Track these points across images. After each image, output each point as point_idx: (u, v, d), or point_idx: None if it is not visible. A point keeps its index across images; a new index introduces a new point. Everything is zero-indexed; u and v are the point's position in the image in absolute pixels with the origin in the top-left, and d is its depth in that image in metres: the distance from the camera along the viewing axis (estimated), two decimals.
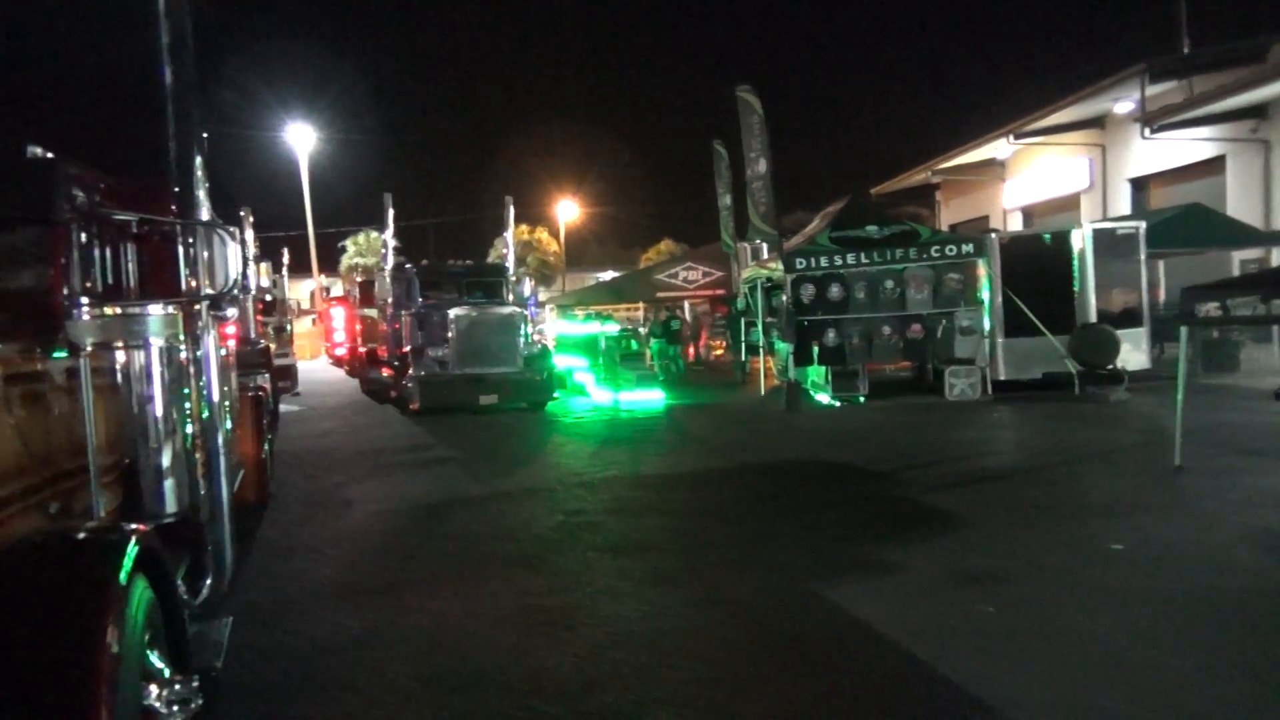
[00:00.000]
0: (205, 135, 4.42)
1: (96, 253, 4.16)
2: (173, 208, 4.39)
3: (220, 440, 4.40)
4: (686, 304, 32.37)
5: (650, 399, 16.00)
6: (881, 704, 3.91)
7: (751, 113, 15.57)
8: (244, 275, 4.75)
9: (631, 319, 31.44)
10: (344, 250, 51.32)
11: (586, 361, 19.05)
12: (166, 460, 3.89)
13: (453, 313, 15.50)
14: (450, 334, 15.47)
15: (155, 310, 3.84)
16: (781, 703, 3.95)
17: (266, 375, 11.27)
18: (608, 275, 52.63)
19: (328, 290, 45.44)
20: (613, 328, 19.44)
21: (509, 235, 18.25)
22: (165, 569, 3.17)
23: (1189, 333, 8.83)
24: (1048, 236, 15.14)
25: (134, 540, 2.76)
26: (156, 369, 3.86)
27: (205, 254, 4.19)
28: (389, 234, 18.21)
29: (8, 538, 2.98)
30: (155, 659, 2.83)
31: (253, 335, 12.05)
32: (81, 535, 2.91)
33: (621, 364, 17.36)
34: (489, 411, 15.43)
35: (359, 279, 34.28)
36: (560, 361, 18.98)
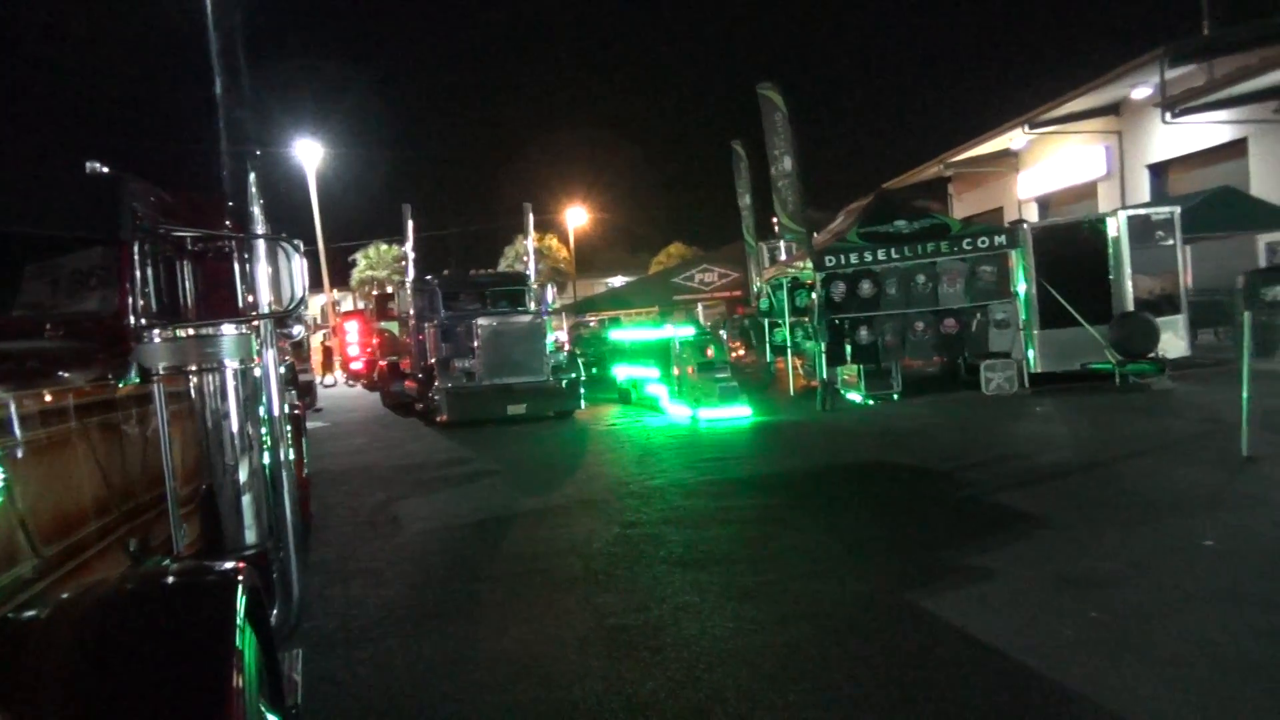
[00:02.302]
0: (259, 152, 4.22)
1: (162, 272, 3.95)
2: (227, 224, 4.20)
3: (284, 460, 4.19)
4: (700, 307, 32.16)
5: (736, 414, 13.73)
6: None
7: (774, 110, 15.34)
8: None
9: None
10: (354, 264, 51.15)
11: (658, 371, 16.37)
12: (246, 488, 3.67)
13: (479, 323, 15.31)
14: (476, 344, 15.27)
15: (229, 330, 3.62)
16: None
17: (294, 392, 11.09)
18: (618, 281, 52.48)
19: (336, 304, 45.34)
20: (687, 330, 16.14)
21: (530, 242, 18.06)
22: (265, 609, 2.95)
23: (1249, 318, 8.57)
24: (1085, 224, 14.86)
25: (242, 584, 2.54)
26: (232, 391, 3.64)
27: (269, 270, 3.99)
28: (409, 246, 18.01)
29: (100, 585, 2.76)
30: (269, 714, 2.60)
31: None
32: (188, 582, 2.68)
33: (699, 374, 14.49)
34: (517, 421, 15.23)
35: (375, 292, 34.15)
36: (624, 372, 17.74)
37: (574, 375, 15.98)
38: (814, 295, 15.22)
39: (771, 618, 5.05)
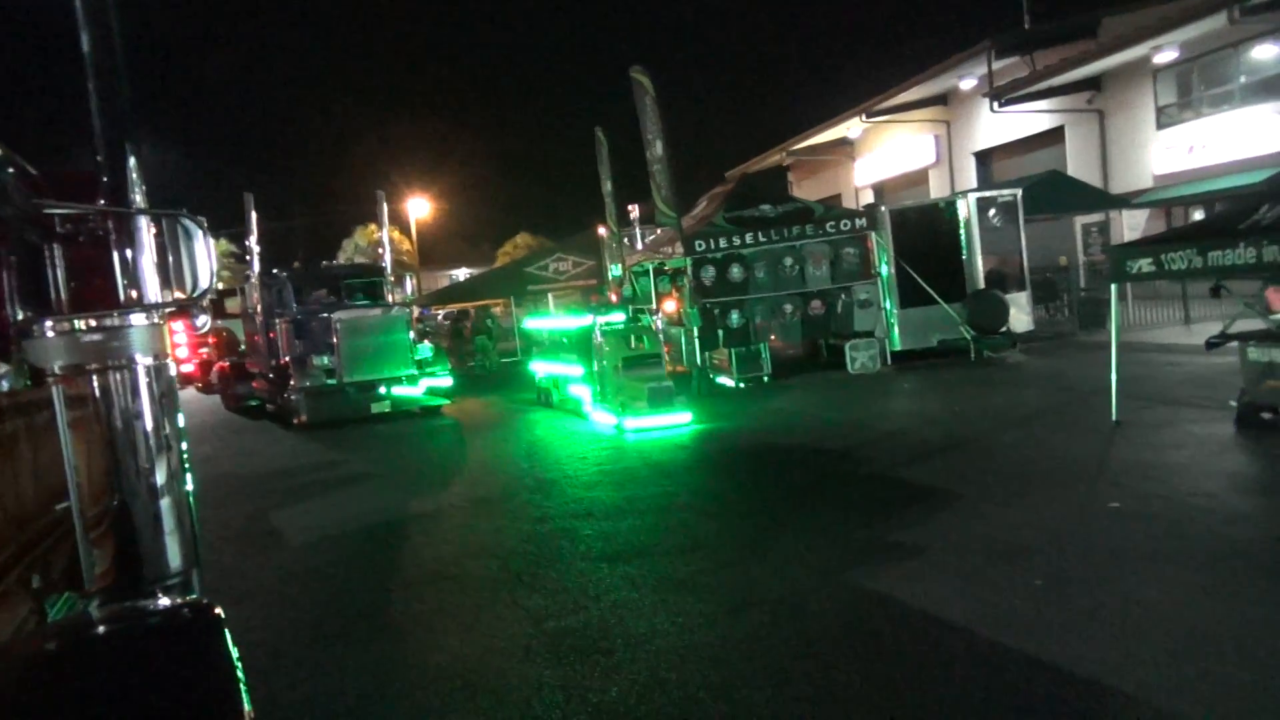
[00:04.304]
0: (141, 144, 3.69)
1: (40, 256, 3.35)
2: (101, 201, 3.62)
3: (189, 472, 3.68)
4: (551, 297, 31.74)
5: (671, 423, 11.08)
6: (1016, 703, 3.61)
7: (645, 94, 15.17)
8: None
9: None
10: None
11: (582, 368, 13.00)
12: (167, 504, 3.15)
13: (336, 316, 14.42)
14: (335, 340, 14.39)
15: (139, 320, 3.09)
16: (902, 712, 3.59)
17: None
18: (463, 273, 51.27)
19: None
20: (616, 317, 12.83)
21: (385, 233, 17.22)
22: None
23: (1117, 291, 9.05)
24: (939, 206, 15.48)
25: (224, 627, 2.10)
26: (145, 392, 3.12)
27: (169, 253, 3.47)
28: (254, 239, 16.81)
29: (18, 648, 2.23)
30: None
31: None
32: (171, 633, 2.20)
33: (625, 372, 11.83)
34: (382, 420, 14.48)
35: None
36: (543, 369, 15.14)
37: (440, 369, 15.36)
38: (685, 280, 15.18)
39: (719, 609, 4.86)
